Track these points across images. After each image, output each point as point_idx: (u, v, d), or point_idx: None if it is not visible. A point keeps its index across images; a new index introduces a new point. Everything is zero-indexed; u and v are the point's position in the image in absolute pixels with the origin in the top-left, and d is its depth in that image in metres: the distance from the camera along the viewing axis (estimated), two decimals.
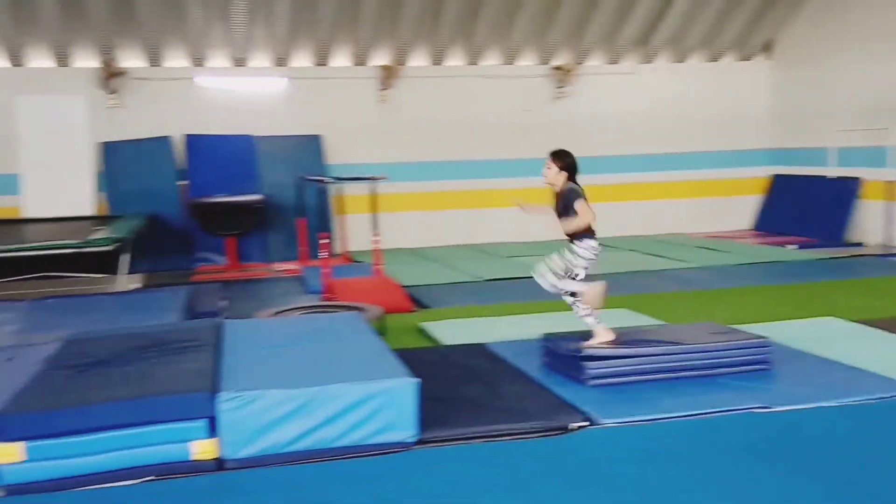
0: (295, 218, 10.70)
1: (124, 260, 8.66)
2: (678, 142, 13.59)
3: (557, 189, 5.16)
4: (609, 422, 4.40)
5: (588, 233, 5.09)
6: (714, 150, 13.77)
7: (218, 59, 11.99)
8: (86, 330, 5.62)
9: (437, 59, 12.71)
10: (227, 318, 6.29)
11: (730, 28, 13.30)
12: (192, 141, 11.74)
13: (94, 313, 6.61)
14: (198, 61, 11.88)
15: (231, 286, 9.26)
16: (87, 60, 11.49)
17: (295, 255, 10.89)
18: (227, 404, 3.91)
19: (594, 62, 13.29)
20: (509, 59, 12.95)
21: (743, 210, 13.89)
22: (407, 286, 8.46)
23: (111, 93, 11.48)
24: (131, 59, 11.62)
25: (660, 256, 10.85)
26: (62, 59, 11.41)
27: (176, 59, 11.83)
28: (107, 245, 8.21)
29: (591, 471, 3.82)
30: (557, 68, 12.94)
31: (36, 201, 11.27)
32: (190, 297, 7.28)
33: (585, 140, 12.08)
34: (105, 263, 9.91)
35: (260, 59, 12.14)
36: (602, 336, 5.15)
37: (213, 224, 11.00)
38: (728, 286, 8.68)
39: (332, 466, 3.94)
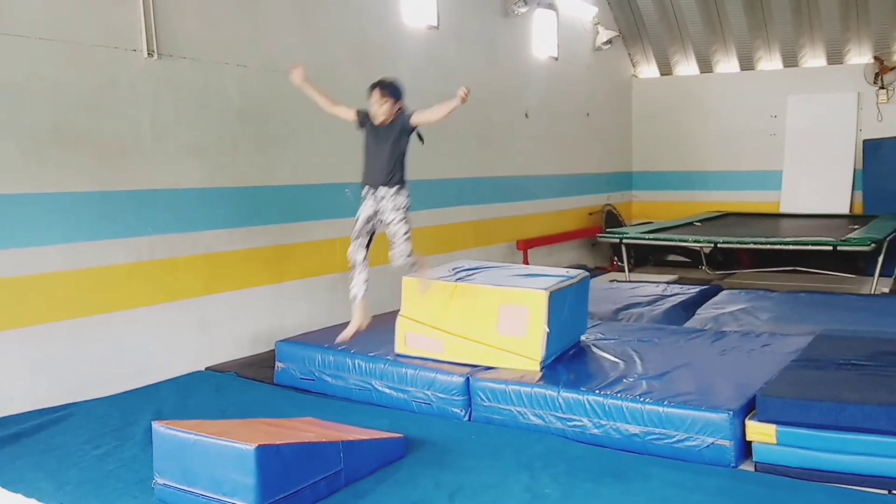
0: None
1: (878, 262, 8.34)
2: None
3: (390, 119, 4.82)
4: None
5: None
6: None
7: None
8: (837, 328, 5.62)
9: None
10: None
11: None
12: None
13: (844, 312, 6.53)
14: None
15: None
16: (860, 57, 11.29)
17: None
18: None
19: None
20: None
21: None
22: None
23: (881, 88, 11.07)
24: None
25: None
26: (835, 58, 11.44)
27: None
28: (864, 245, 8.02)
29: None
30: None
31: (792, 197, 11.68)
32: None
33: None
34: (854, 264, 9.73)
35: None
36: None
37: None
38: None
39: None
